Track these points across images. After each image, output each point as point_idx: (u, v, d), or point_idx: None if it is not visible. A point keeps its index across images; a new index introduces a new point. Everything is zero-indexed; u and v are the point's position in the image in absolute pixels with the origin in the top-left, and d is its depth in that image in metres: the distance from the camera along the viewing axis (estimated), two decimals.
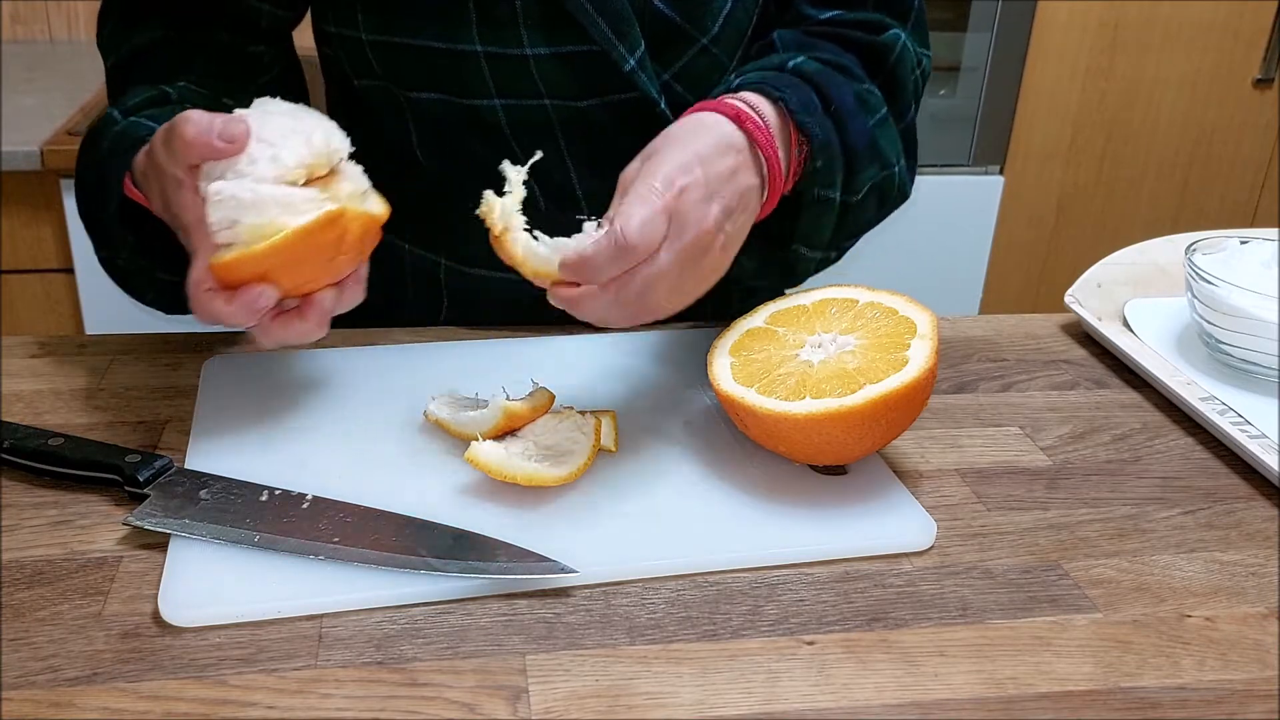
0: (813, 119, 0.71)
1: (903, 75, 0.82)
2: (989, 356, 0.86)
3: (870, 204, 0.79)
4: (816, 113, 0.72)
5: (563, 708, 0.51)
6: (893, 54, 0.81)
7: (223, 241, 0.61)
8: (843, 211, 0.76)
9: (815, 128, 0.71)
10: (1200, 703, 0.53)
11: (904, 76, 0.82)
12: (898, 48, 0.82)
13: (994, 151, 2.12)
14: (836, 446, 0.65)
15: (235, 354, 0.79)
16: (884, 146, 0.78)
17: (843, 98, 0.74)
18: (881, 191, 0.79)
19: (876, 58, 0.81)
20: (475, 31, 0.76)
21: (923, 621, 0.57)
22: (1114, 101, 2.13)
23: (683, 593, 0.59)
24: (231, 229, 0.60)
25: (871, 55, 0.81)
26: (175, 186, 0.63)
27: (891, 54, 0.81)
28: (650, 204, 0.60)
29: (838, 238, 0.78)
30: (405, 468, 0.67)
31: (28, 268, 1.66)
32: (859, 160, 0.75)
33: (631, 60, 0.78)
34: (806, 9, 0.83)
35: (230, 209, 0.60)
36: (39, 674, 0.52)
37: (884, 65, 0.81)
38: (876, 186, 0.78)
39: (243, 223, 0.60)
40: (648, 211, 0.60)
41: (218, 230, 0.60)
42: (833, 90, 0.73)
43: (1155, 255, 0.96)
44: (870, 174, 0.76)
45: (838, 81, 0.75)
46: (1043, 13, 2.02)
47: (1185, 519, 0.67)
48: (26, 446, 0.65)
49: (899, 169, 0.80)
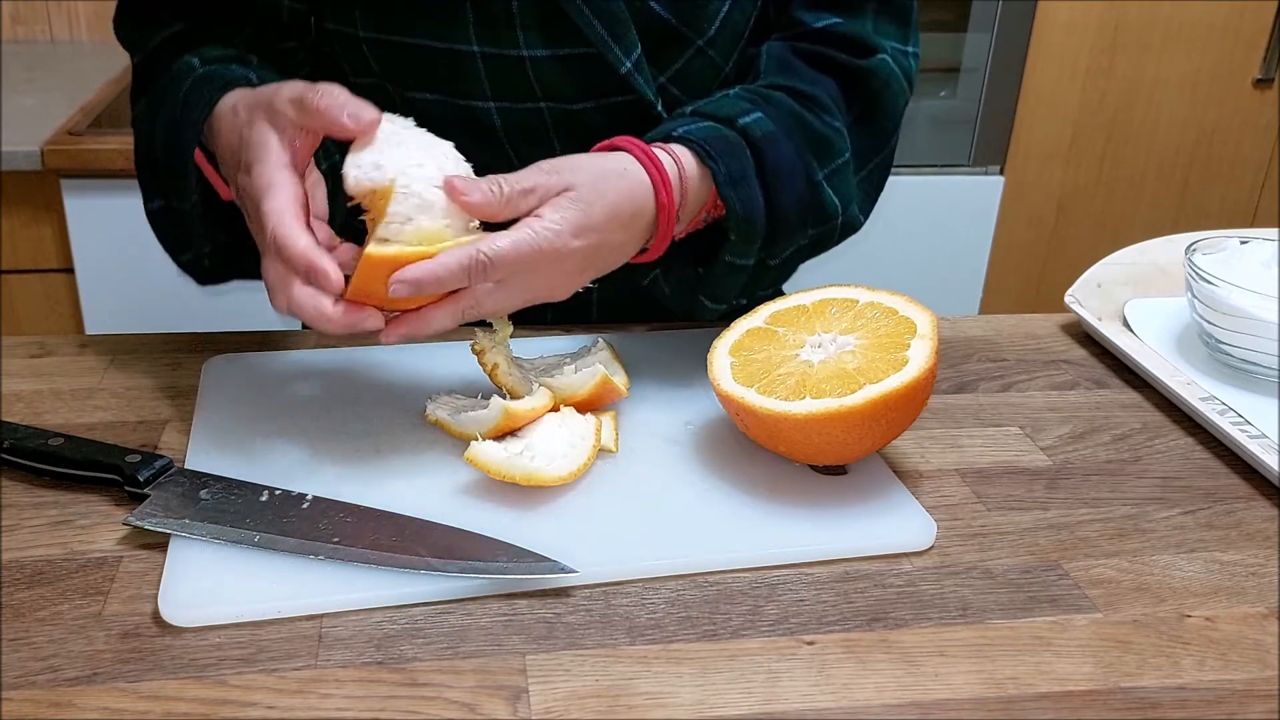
0: (738, 193, 0.71)
1: (888, 100, 0.82)
2: (989, 356, 0.86)
3: (792, 263, 0.79)
4: (745, 183, 0.72)
5: (563, 708, 0.51)
6: (876, 79, 0.81)
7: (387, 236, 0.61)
8: (757, 272, 0.76)
9: (737, 203, 0.71)
10: (1200, 703, 0.53)
11: (889, 101, 0.82)
12: (884, 73, 0.81)
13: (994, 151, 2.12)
14: (836, 446, 0.65)
15: (235, 354, 0.79)
16: (829, 200, 0.78)
17: (781, 160, 0.74)
18: (813, 247, 0.80)
19: (859, 83, 0.81)
20: (472, 32, 0.76)
21: (923, 621, 0.57)
22: (1114, 101, 2.13)
23: (683, 593, 0.59)
24: (402, 225, 0.61)
25: (854, 80, 0.81)
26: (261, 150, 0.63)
27: (875, 80, 0.81)
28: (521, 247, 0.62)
29: (748, 292, 0.78)
30: (405, 468, 0.67)
31: (28, 268, 1.66)
32: (788, 228, 0.75)
33: (628, 63, 0.78)
34: (801, 14, 0.83)
35: (412, 206, 0.61)
36: (39, 674, 0.52)
37: (866, 90, 0.81)
38: (805, 246, 0.78)
39: (415, 222, 0.61)
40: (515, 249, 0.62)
41: (392, 223, 0.60)
42: (773, 154, 0.73)
43: (1155, 255, 0.96)
44: (799, 238, 0.77)
45: (783, 140, 0.74)
46: (1043, 13, 2.02)
47: (1185, 519, 0.67)
48: (26, 446, 0.65)
49: (840, 220, 0.79)
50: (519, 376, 0.70)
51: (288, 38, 0.83)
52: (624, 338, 0.82)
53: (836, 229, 0.80)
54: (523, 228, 0.63)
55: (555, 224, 0.64)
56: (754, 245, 0.74)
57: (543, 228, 0.63)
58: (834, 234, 0.80)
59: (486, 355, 0.69)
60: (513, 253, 0.62)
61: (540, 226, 0.63)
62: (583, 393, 0.69)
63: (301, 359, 0.78)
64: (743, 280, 0.76)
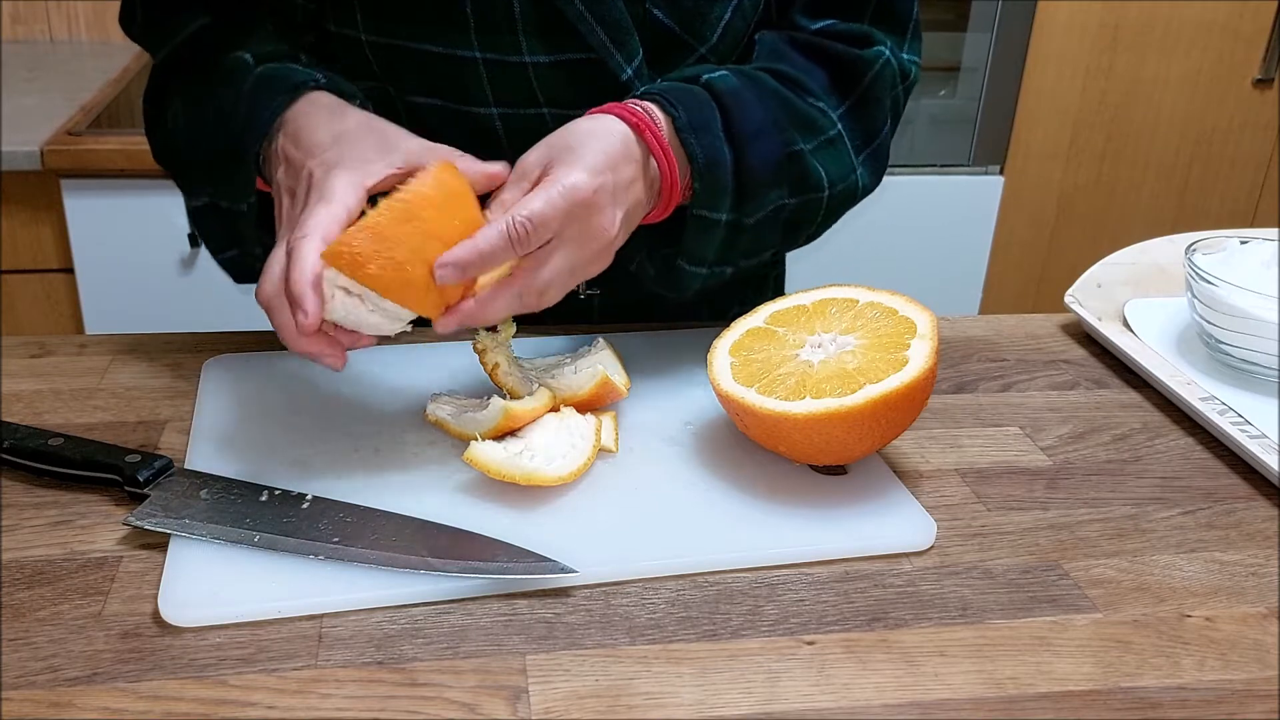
0: (698, 139, 0.71)
1: (879, 92, 0.81)
2: (989, 356, 0.86)
3: (772, 226, 0.77)
4: (708, 132, 0.72)
5: (563, 708, 0.51)
6: (870, 70, 0.81)
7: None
8: (732, 232, 0.75)
9: (697, 147, 0.71)
10: (1200, 703, 0.53)
11: (880, 93, 0.81)
12: (878, 64, 0.81)
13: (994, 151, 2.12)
14: (836, 446, 0.65)
15: (235, 354, 0.79)
16: (814, 170, 0.77)
17: (749, 116, 0.73)
18: (800, 214, 0.78)
19: (852, 72, 0.80)
20: (474, 37, 0.76)
21: (923, 621, 0.57)
22: (1114, 101, 2.13)
23: (683, 593, 0.59)
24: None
25: (846, 69, 0.80)
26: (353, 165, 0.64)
27: (869, 70, 0.81)
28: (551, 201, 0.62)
29: (729, 256, 0.77)
30: (405, 468, 0.67)
31: (28, 268, 1.66)
32: (758, 183, 0.74)
33: (629, 69, 0.77)
34: (800, 18, 0.83)
35: None
36: (39, 674, 0.52)
37: (858, 81, 0.81)
38: (786, 209, 0.77)
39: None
40: (545, 206, 0.62)
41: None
42: (740, 108, 0.73)
43: (1155, 255, 0.96)
44: (774, 196, 0.75)
45: (751, 99, 0.74)
46: (1043, 13, 2.02)
47: (1185, 519, 0.67)
48: (26, 446, 0.65)
49: (833, 192, 0.79)
50: (519, 376, 0.70)
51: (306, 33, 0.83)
52: (624, 338, 0.82)
53: (824, 199, 0.78)
54: (539, 188, 0.63)
55: (568, 173, 0.64)
56: (723, 197, 0.73)
57: (560, 179, 0.63)
58: (823, 204, 0.79)
59: (487, 355, 0.69)
60: (547, 207, 0.62)
61: (557, 179, 0.63)
62: (583, 393, 0.69)
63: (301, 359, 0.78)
64: (718, 238, 0.75)
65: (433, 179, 0.61)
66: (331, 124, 0.68)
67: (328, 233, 0.60)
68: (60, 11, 2.06)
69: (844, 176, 0.79)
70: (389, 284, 0.59)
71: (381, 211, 0.59)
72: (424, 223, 0.59)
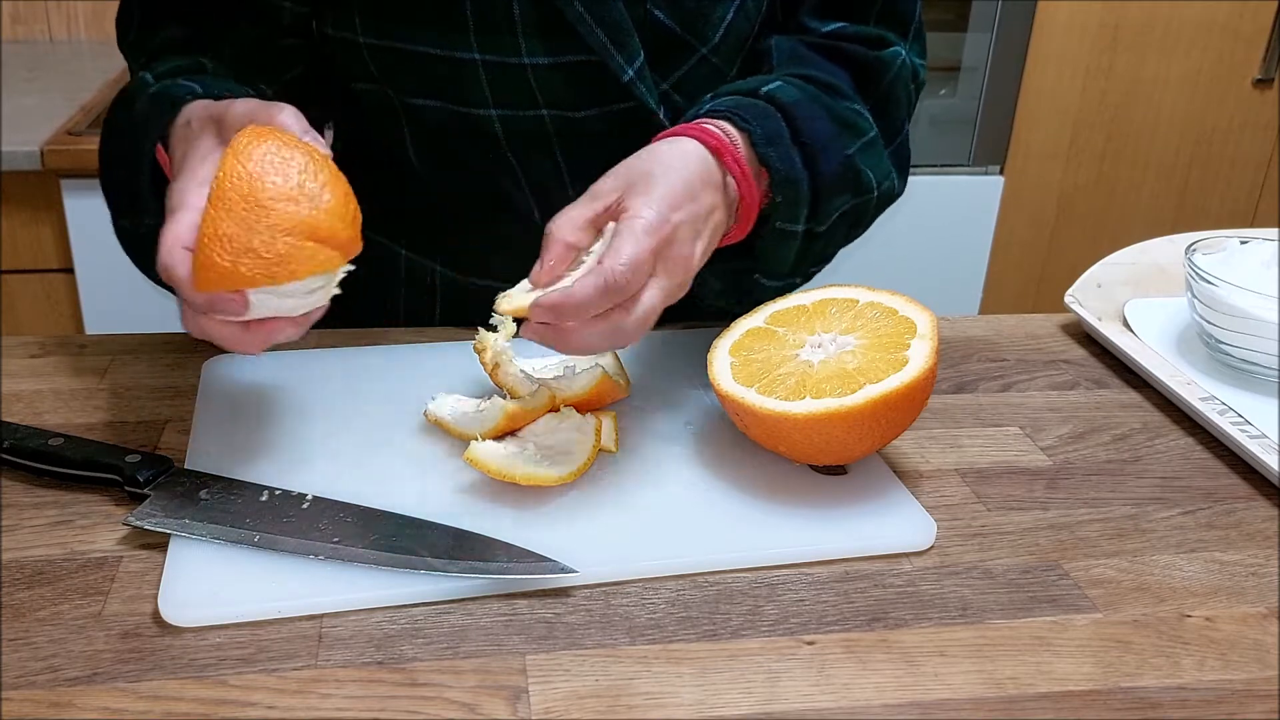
0: (776, 151, 0.71)
1: (899, 93, 0.82)
2: (989, 356, 0.86)
3: (839, 231, 0.78)
4: (782, 144, 0.71)
5: (563, 708, 0.51)
6: (890, 71, 0.81)
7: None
8: (806, 241, 0.75)
9: (777, 161, 0.71)
10: (1200, 703, 0.53)
11: (900, 94, 0.82)
12: (896, 65, 0.81)
13: (994, 151, 2.12)
14: (836, 446, 0.65)
15: (235, 354, 0.79)
16: (864, 172, 0.77)
17: (815, 127, 0.73)
18: (856, 217, 0.79)
19: (872, 74, 0.81)
20: (473, 39, 0.76)
21: (923, 621, 0.57)
22: (1114, 101, 2.13)
23: (683, 593, 0.59)
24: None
25: (866, 71, 0.81)
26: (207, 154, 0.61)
27: (889, 71, 0.81)
28: (639, 244, 0.61)
29: (801, 266, 0.77)
30: (405, 468, 0.67)
31: (28, 268, 1.66)
32: (828, 190, 0.74)
33: (630, 71, 0.77)
34: (809, 21, 0.83)
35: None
36: (39, 674, 0.52)
37: (879, 82, 0.81)
38: (848, 213, 0.78)
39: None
40: (637, 251, 0.61)
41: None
42: (805, 119, 0.73)
43: (1155, 255, 0.96)
44: (840, 203, 0.76)
45: (813, 109, 0.74)
46: (1043, 13, 2.02)
47: (1185, 519, 0.67)
48: (26, 446, 0.65)
49: (879, 193, 0.79)
50: (519, 376, 0.70)
51: (288, 36, 0.83)
52: None
53: (873, 201, 0.79)
54: (623, 229, 0.62)
55: (648, 206, 0.63)
56: (801, 209, 0.73)
57: (641, 214, 0.62)
58: (869, 211, 0.80)
59: (487, 354, 0.69)
60: (639, 251, 0.61)
61: (638, 215, 0.62)
62: (583, 393, 0.69)
63: (301, 359, 0.78)
64: (795, 249, 0.75)
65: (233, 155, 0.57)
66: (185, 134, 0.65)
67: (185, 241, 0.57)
68: (60, 11, 2.06)
69: (886, 176, 0.80)
70: (269, 273, 0.56)
71: (208, 215, 0.56)
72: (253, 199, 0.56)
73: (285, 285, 0.57)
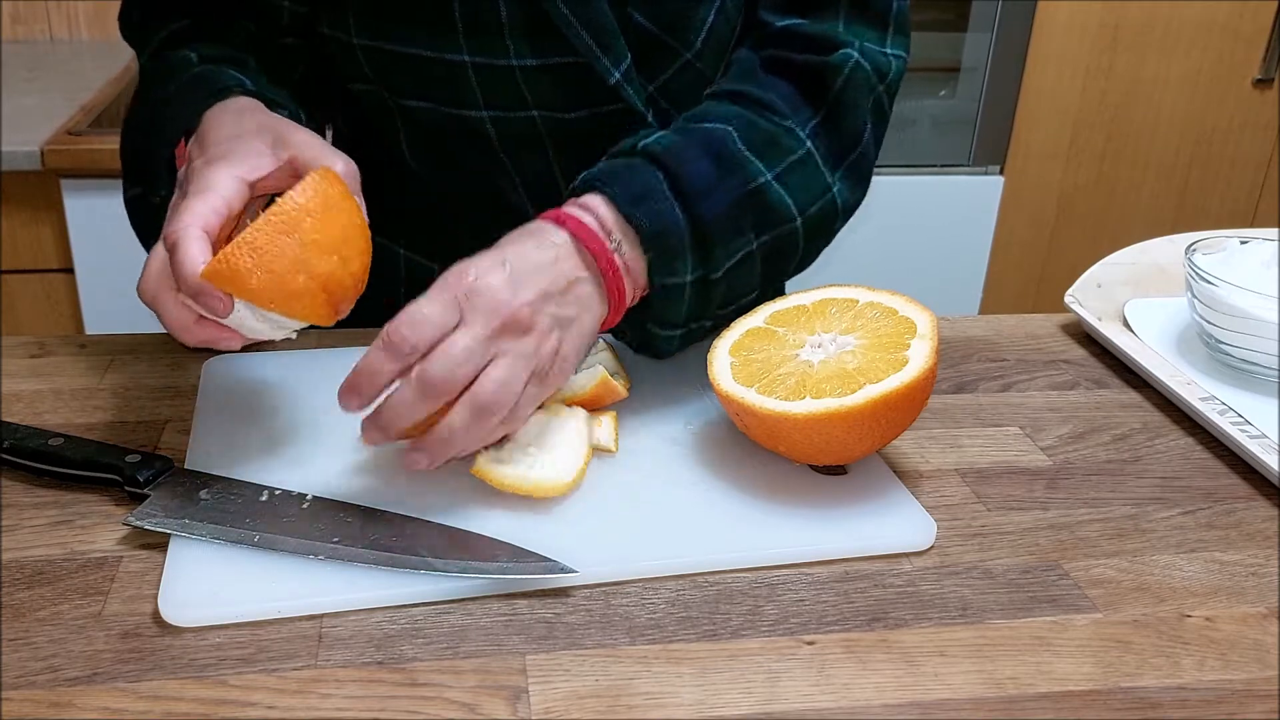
0: (640, 210, 0.68)
1: (853, 98, 0.77)
2: (989, 356, 0.86)
3: (748, 271, 0.73)
4: (654, 198, 0.68)
5: (563, 708, 0.51)
6: (839, 76, 0.77)
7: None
8: (701, 289, 0.71)
9: (644, 220, 0.67)
10: (1200, 703, 0.53)
11: (856, 98, 0.77)
12: (846, 69, 0.77)
13: (994, 151, 2.12)
14: (836, 446, 0.65)
15: (235, 354, 0.79)
16: (780, 201, 0.73)
17: (693, 170, 0.70)
18: (776, 250, 0.75)
19: (820, 82, 0.77)
20: (462, 40, 0.76)
21: (923, 621, 0.57)
22: (1114, 101, 2.13)
23: (683, 593, 0.59)
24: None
25: (814, 79, 0.77)
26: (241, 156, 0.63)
27: (838, 77, 0.77)
28: (421, 302, 0.61)
29: (702, 312, 0.73)
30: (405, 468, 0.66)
31: (28, 268, 1.66)
32: (720, 233, 0.70)
33: (616, 73, 0.77)
34: (765, 15, 0.81)
35: None
36: (39, 674, 0.52)
37: (827, 89, 0.77)
38: (759, 250, 0.73)
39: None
40: (415, 307, 0.61)
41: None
42: (682, 166, 0.70)
43: (1155, 255, 0.96)
44: (741, 243, 0.72)
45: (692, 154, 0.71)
46: (1043, 13, 2.02)
47: (1185, 519, 0.67)
48: (26, 446, 0.65)
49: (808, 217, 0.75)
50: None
51: (287, 35, 0.83)
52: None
53: (798, 229, 0.75)
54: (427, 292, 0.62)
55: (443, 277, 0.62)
56: (682, 260, 0.69)
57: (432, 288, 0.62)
58: (798, 234, 0.75)
59: None
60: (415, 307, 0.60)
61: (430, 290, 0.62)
62: (583, 393, 0.69)
63: (301, 359, 0.78)
64: (686, 299, 0.71)
65: (311, 188, 0.59)
66: (235, 124, 0.66)
67: (206, 223, 0.59)
68: (60, 11, 2.06)
69: (815, 199, 0.76)
70: (272, 296, 0.58)
71: (259, 226, 0.58)
72: (302, 233, 0.58)
73: (271, 314, 0.60)
